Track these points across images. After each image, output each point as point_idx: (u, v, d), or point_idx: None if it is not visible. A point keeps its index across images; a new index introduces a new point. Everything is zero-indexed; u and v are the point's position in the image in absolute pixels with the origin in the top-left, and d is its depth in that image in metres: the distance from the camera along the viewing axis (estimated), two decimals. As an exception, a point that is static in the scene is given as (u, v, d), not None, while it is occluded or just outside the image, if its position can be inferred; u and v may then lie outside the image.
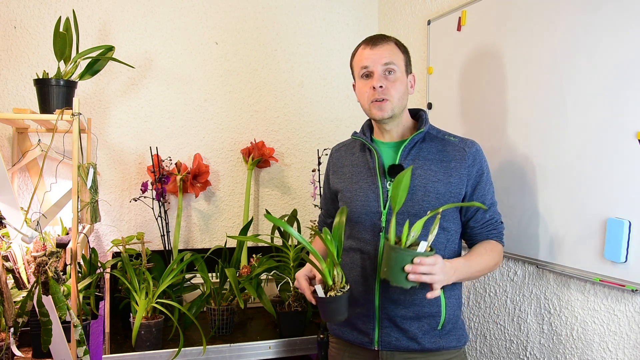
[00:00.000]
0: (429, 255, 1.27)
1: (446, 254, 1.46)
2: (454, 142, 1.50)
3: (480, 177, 1.48)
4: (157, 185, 2.26)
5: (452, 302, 1.48)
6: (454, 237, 1.50)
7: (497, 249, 1.48)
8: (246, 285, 2.02)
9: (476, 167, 1.47)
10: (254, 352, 1.97)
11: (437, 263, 1.28)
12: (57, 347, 1.65)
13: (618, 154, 1.42)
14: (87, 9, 2.31)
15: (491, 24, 1.87)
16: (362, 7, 2.74)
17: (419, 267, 1.25)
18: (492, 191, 1.51)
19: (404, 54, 1.51)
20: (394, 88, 1.46)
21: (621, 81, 1.41)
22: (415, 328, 1.43)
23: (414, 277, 1.26)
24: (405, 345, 1.44)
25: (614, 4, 1.43)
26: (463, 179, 1.46)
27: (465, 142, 1.50)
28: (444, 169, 1.46)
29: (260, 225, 2.62)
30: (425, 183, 1.45)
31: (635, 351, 1.41)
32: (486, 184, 1.49)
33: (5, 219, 1.58)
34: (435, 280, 1.27)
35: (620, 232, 1.40)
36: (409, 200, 1.43)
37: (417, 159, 1.48)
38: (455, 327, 1.49)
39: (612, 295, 1.48)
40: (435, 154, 1.48)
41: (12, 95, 2.24)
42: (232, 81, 2.54)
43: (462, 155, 1.47)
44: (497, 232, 1.51)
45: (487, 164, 1.52)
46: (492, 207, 1.50)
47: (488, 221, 1.50)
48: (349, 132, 2.76)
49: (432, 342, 1.44)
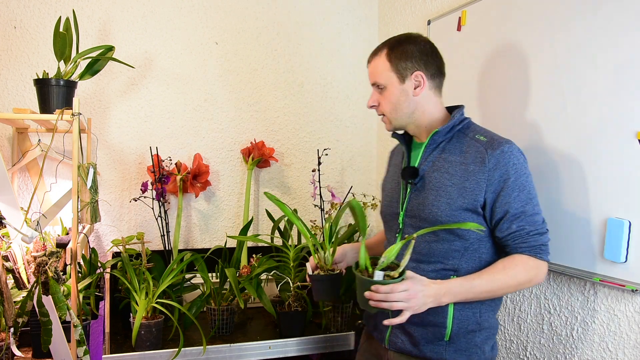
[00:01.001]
0: (386, 284, 1.27)
1: (463, 263, 1.37)
2: (481, 142, 1.37)
3: (505, 182, 1.32)
4: (157, 185, 2.26)
5: (465, 315, 1.38)
6: (475, 245, 1.38)
7: (525, 264, 1.32)
8: (246, 285, 2.02)
9: (499, 172, 1.32)
10: (254, 352, 1.97)
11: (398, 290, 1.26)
12: (57, 347, 1.65)
13: (618, 154, 1.42)
14: (87, 9, 2.31)
15: (491, 24, 1.87)
16: (362, 7, 2.74)
17: (374, 295, 1.27)
18: (525, 198, 1.33)
19: (391, 62, 1.41)
20: (384, 103, 1.45)
21: (621, 81, 1.41)
22: (419, 334, 1.41)
23: (374, 303, 1.28)
24: (408, 349, 1.43)
25: (614, 4, 1.43)
26: (481, 184, 1.33)
27: (493, 142, 1.35)
28: (461, 172, 1.35)
29: (260, 225, 2.62)
30: (439, 187, 1.37)
31: (635, 351, 1.41)
32: (513, 190, 1.32)
33: (5, 219, 1.58)
34: (398, 307, 1.27)
35: (620, 232, 1.40)
36: (420, 203, 1.40)
37: (437, 161, 1.41)
38: (467, 342, 1.39)
39: (612, 295, 1.48)
40: (457, 156, 1.38)
41: (12, 95, 2.23)
42: (232, 81, 2.54)
43: (482, 157, 1.34)
44: (528, 246, 1.33)
45: (521, 167, 1.34)
46: (522, 217, 1.32)
47: (515, 232, 1.33)
48: (349, 132, 2.76)
49: (434, 352, 1.39)
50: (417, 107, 1.43)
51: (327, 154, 2.63)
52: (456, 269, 1.37)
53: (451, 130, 1.41)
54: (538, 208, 1.35)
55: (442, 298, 1.31)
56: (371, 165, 2.81)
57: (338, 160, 2.74)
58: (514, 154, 1.34)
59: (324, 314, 2.11)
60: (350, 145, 2.76)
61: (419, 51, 1.41)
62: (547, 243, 1.34)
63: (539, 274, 1.34)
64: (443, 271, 1.38)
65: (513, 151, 1.34)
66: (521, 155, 1.36)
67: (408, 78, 1.41)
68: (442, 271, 1.38)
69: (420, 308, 1.30)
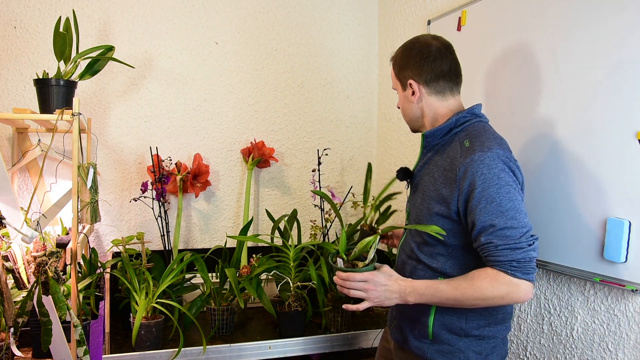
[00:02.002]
0: (345, 271, 1.36)
1: (447, 268, 1.37)
2: (463, 148, 1.33)
3: (471, 193, 1.26)
4: (157, 185, 2.26)
5: (447, 318, 1.37)
6: (457, 252, 1.36)
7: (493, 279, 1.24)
8: (246, 285, 2.02)
9: (467, 181, 1.27)
10: (254, 352, 1.97)
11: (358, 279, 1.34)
12: (57, 347, 1.65)
13: (618, 154, 1.42)
14: (87, 9, 2.31)
15: (491, 24, 1.87)
16: (362, 7, 2.74)
17: (336, 280, 1.38)
18: (494, 211, 1.24)
19: (395, 71, 1.49)
20: (401, 106, 1.52)
21: (621, 81, 1.41)
22: (408, 329, 1.47)
23: (339, 287, 1.39)
24: (402, 342, 1.50)
25: (614, 4, 1.43)
26: (454, 192, 1.30)
27: (468, 150, 1.30)
28: (442, 178, 1.35)
29: (260, 225, 2.62)
30: (424, 190, 1.40)
31: (635, 351, 1.41)
32: (479, 201, 1.24)
33: (5, 219, 1.58)
34: (356, 295, 1.35)
35: (620, 232, 1.40)
36: (413, 205, 1.47)
37: (429, 164, 1.43)
38: (452, 347, 1.37)
39: (612, 295, 1.48)
40: (444, 160, 1.37)
41: (12, 95, 2.23)
42: (232, 81, 2.54)
43: (455, 165, 1.31)
44: (496, 261, 1.24)
45: (491, 178, 1.25)
46: (490, 230, 1.24)
47: (483, 245, 1.26)
48: (349, 132, 2.76)
49: (418, 349, 1.42)
50: (422, 112, 1.46)
51: (327, 154, 2.63)
52: (443, 272, 1.38)
53: (448, 132, 1.40)
54: (514, 222, 1.23)
55: (407, 296, 1.34)
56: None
57: (338, 160, 2.74)
58: (484, 162, 1.25)
59: (324, 314, 2.11)
60: (350, 145, 2.76)
61: (414, 59, 1.42)
62: (523, 260, 1.22)
63: (514, 292, 1.23)
64: (430, 271, 1.41)
65: (485, 160, 1.26)
66: (497, 164, 1.26)
67: (406, 86, 1.46)
68: (430, 271, 1.41)
69: (383, 302, 1.35)
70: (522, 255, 1.23)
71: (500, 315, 1.38)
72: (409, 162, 2.47)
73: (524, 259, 1.23)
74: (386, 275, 1.35)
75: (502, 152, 1.28)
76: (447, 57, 1.42)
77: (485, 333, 1.37)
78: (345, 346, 2.08)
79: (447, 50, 1.42)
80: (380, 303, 1.35)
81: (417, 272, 1.43)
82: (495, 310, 1.37)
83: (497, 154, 1.27)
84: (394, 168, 2.61)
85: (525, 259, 1.23)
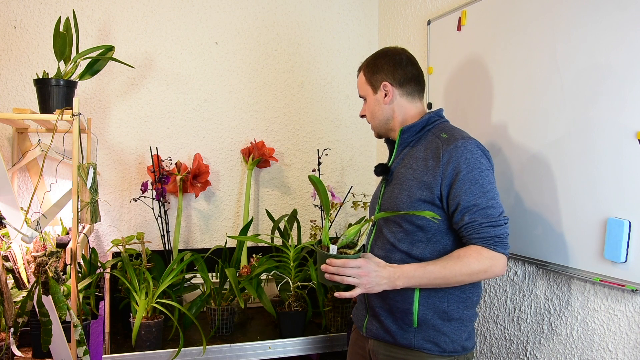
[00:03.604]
0: (339, 258, 1.34)
1: (427, 253, 1.43)
2: (441, 139, 1.44)
3: (456, 176, 1.37)
4: (157, 185, 2.26)
5: (432, 302, 1.43)
6: (438, 236, 1.43)
7: (478, 254, 1.35)
8: (246, 285, 2.02)
9: (451, 166, 1.38)
10: (254, 352, 1.97)
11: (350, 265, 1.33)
12: (57, 347, 1.65)
13: (618, 154, 1.42)
14: (87, 9, 2.31)
15: (491, 24, 1.87)
16: (362, 7, 2.74)
17: (328, 268, 1.35)
18: (477, 192, 1.36)
19: (366, 76, 1.57)
20: (367, 113, 1.61)
21: (621, 81, 1.41)
22: (390, 321, 1.48)
23: (328, 276, 1.36)
24: (382, 336, 1.50)
25: (614, 4, 1.43)
26: (437, 178, 1.40)
27: (450, 139, 1.42)
28: (422, 167, 1.44)
29: (260, 225, 2.62)
30: (402, 181, 1.47)
31: (635, 351, 1.41)
32: (464, 183, 1.37)
33: (5, 219, 1.58)
34: (349, 282, 1.34)
35: (620, 232, 1.40)
36: (389, 197, 1.51)
37: (405, 158, 1.51)
38: (437, 331, 1.43)
39: (612, 295, 1.48)
40: (421, 152, 1.47)
41: (12, 95, 2.24)
42: (232, 81, 2.54)
43: (438, 153, 1.42)
44: (480, 237, 1.36)
45: (474, 162, 1.38)
46: (473, 209, 1.36)
47: (467, 224, 1.37)
48: (349, 132, 2.76)
49: (404, 338, 1.45)
50: (392, 114, 1.55)
51: (327, 154, 2.63)
52: (421, 258, 1.44)
53: (421, 129, 1.52)
54: (493, 202, 1.37)
55: (397, 281, 1.37)
56: (371, 165, 2.81)
57: (338, 160, 2.74)
58: (467, 148, 1.39)
59: (324, 314, 2.11)
60: (350, 145, 2.76)
61: (388, 63, 1.54)
62: (502, 235, 1.36)
63: (496, 265, 1.36)
64: (410, 259, 1.44)
65: (467, 146, 1.39)
66: (477, 150, 1.40)
67: (379, 89, 1.55)
68: (409, 259, 1.45)
69: (373, 287, 1.36)
70: (502, 231, 1.37)
71: (474, 298, 1.49)
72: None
73: (502, 235, 1.37)
74: (375, 262, 1.38)
75: (478, 142, 1.43)
76: (416, 65, 1.57)
77: (464, 316, 1.46)
78: (345, 346, 2.07)
79: (414, 60, 1.58)
80: (370, 289, 1.36)
81: (396, 262, 1.45)
82: (470, 293, 1.47)
83: (476, 142, 1.42)
84: (394, 168, 2.61)
85: (503, 235, 1.37)
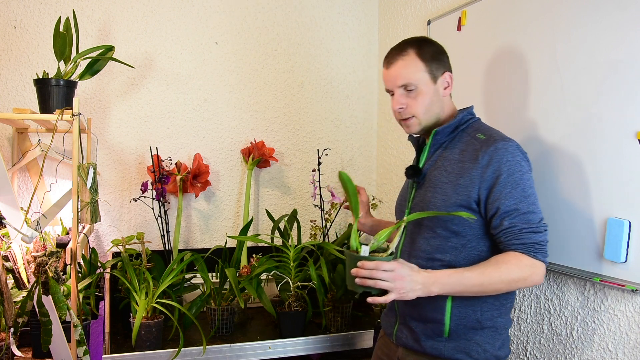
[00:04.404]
0: (372, 260, 1.26)
1: (461, 259, 1.37)
2: (479, 140, 1.38)
3: (497, 179, 1.32)
4: (157, 185, 2.26)
5: (464, 312, 1.37)
6: (473, 242, 1.38)
7: (518, 261, 1.29)
8: (246, 285, 2.02)
9: (491, 168, 1.32)
10: (254, 352, 1.97)
11: (384, 268, 1.25)
12: (57, 347, 1.65)
13: (618, 154, 1.42)
14: (87, 9, 2.31)
15: (491, 24, 1.87)
16: (362, 7, 2.74)
17: (360, 271, 1.26)
18: (519, 196, 1.31)
19: (426, 61, 1.41)
20: (417, 104, 1.42)
21: (621, 81, 1.41)
22: (420, 329, 1.42)
23: (359, 280, 1.26)
24: (411, 344, 1.44)
25: (614, 4, 1.43)
26: (475, 181, 1.34)
27: (489, 140, 1.36)
28: (458, 169, 1.38)
29: (260, 225, 2.62)
30: (436, 184, 1.40)
31: (635, 351, 1.41)
32: (504, 186, 1.31)
33: (5, 219, 1.58)
34: (382, 286, 1.25)
35: (620, 232, 1.40)
36: (421, 200, 1.43)
37: (439, 160, 1.44)
38: (468, 341, 1.38)
39: (612, 295, 1.48)
40: (457, 154, 1.40)
41: (12, 95, 2.23)
42: (232, 81, 2.54)
43: (477, 155, 1.35)
44: (520, 243, 1.30)
45: (515, 164, 1.33)
46: (514, 214, 1.30)
47: (507, 229, 1.31)
48: (349, 132, 2.76)
49: (434, 348, 1.40)
50: (442, 108, 1.46)
51: (327, 154, 2.63)
52: (454, 265, 1.37)
53: (455, 129, 1.44)
54: (534, 207, 1.31)
55: (431, 287, 1.29)
56: (371, 165, 2.81)
57: (338, 160, 2.74)
58: (508, 150, 1.33)
59: (324, 314, 2.11)
60: (350, 145, 2.76)
61: (444, 53, 1.45)
62: (542, 242, 1.30)
63: (535, 274, 1.30)
64: (441, 267, 1.38)
65: (508, 148, 1.33)
66: (518, 153, 1.34)
67: (439, 78, 1.43)
68: (440, 267, 1.38)
69: (407, 293, 1.27)
70: (542, 238, 1.30)
71: (509, 304, 1.42)
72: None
73: (543, 242, 1.30)
74: (409, 266, 1.30)
75: (518, 143, 1.36)
76: None
77: (498, 324, 1.40)
78: (345, 346, 2.08)
79: None
80: (404, 295, 1.27)
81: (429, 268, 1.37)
82: (505, 300, 1.40)
83: (516, 144, 1.36)
84: (394, 168, 2.61)
85: (544, 242, 1.31)
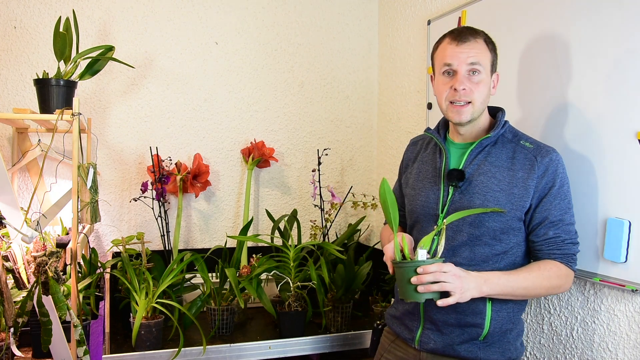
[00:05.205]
0: (432, 263, 1.23)
1: (502, 267, 1.37)
2: (528, 148, 1.38)
3: (549, 189, 1.35)
4: (157, 185, 2.26)
5: (502, 315, 1.38)
6: (514, 249, 1.39)
7: (557, 271, 1.34)
8: (246, 285, 2.02)
9: (546, 179, 1.35)
10: (254, 352, 1.97)
11: (444, 270, 1.23)
12: (57, 347, 1.65)
13: (618, 154, 1.42)
14: (87, 9, 2.31)
15: (491, 24, 1.87)
16: (362, 7, 2.74)
17: (423, 277, 1.22)
18: (565, 207, 1.35)
19: (491, 52, 1.39)
20: (478, 90, 1.36)
21: (621, 81, 1.41)
22: (455, 335, 1.40)
23: (423, 288, 1.23)
24: (442, 349, 1.41)
25: (614, 3, 1.43)
26: (529, 190, 1.34)
27: (540, 149, 1.37)
28: (509, 178, 1.36)
29: (260, 225, 2.62)
30: (486, 192, 1.36)
31: (635, 351, 1.41)
32: (555, 197, 1.34)
33: (5, 219, 1.58)
34: (448, 288, 1.23)
35: (620, 232, 1.40)
36: (467, 206, 1.38)
37: (483, 165, 1.39)
38: (501, 340, 1.40)
39: (612, 295, 1.48)
40: (504, 161, 1.38)
41: (12, 95, 2.23)
42: (232, 81, 2.54)
43: (532, 164, 1.35)
44: (561, 253, 1.35)
45: (564, 176, 1.37)
46: (559, 224, 1.34)
47: (551, 239, 1.35)
48: (349, 132, 2.76)
49: (469, 351, 1.39)
50: (486, 105, 1.44)
51: (327, 154, 2.63)
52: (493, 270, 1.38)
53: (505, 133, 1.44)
54: (574, 218, 1.38)
55: (483, 287, 1.29)
56: (371, 165, 2.81)
57: (338, 160, 2.74)
58: (560, 162, 1.37)
59: (324, 314, 2.11)
60: (350, 145, 2.76)
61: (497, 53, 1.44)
62: (576, 253, 1.38)
63: (568, 282, 1.37)
64: None
65: (560, 160, 1.38)
66: (564, 164, 1.39)
67: (494, 73, 1.43)
68: None
69: (464, 294, 1.24)
70: (577, 249, 1.38)
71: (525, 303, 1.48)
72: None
73: (576, 253, 1.38)
74: (459, 268, 1.28)
75: None
76: None
77: (521, 321, 1.47)
78: (345, 346, 2.08)
79: None
80: (463, 295, 1.24)
81: None
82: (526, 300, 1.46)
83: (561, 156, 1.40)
84: (394, 168, 2.61)
85: (576, 253, 1.38)
